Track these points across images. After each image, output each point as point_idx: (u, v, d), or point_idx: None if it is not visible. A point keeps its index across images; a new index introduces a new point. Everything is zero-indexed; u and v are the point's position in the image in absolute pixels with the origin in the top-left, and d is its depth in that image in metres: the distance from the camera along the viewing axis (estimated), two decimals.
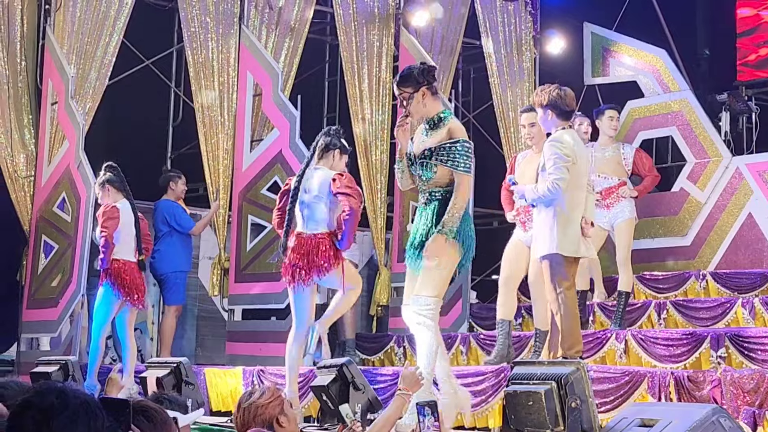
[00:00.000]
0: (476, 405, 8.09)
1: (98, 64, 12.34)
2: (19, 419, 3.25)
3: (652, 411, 5.96)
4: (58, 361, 10.01)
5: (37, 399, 3.26)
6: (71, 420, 3.24)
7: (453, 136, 7.54)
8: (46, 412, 3.21)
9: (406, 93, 7.61)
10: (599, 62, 14.77)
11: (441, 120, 7.63)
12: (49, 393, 3.27)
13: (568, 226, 7.87)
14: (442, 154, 7.50)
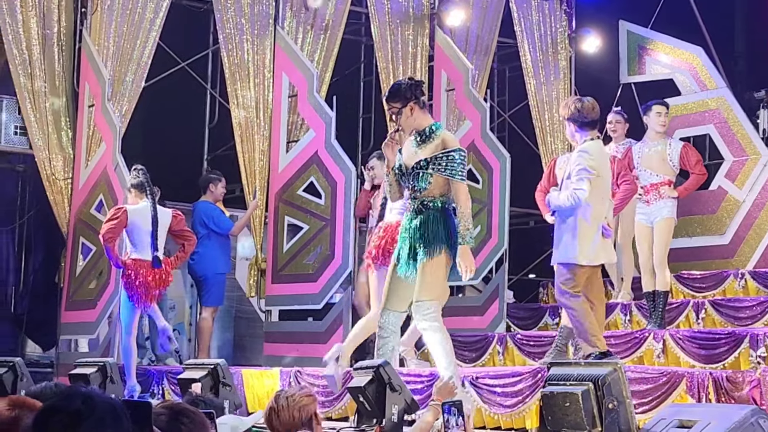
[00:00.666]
0: (513, 406, 8.06)
1: (134, 67, 12.39)
2: (44, 424, 3.24)
3: (690, 412, 5.93)
4: (96, 363, 10.05)
5: (63, 404, 3.24)
6: (98, 425, 3.21)
7: (447, 146, 7.75)
8: (73, 416, 3.19)
9: (395, 108, 7.86)
10: (635, 60, 14.71)
11: (433, 132, 7.85)
12: (75, 397, 3.25)
13: (589, 236, 8.11)
14: (438, 164, 7.72)
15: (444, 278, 7.86)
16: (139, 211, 10.50)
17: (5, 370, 10.24)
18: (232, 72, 12.98)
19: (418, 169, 7.79)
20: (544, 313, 12.77)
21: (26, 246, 13.79)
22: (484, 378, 8.33)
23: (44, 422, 3.22)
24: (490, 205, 12.60)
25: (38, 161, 12.32)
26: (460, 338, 11.93)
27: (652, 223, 10.71)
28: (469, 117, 13.19)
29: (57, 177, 12.33)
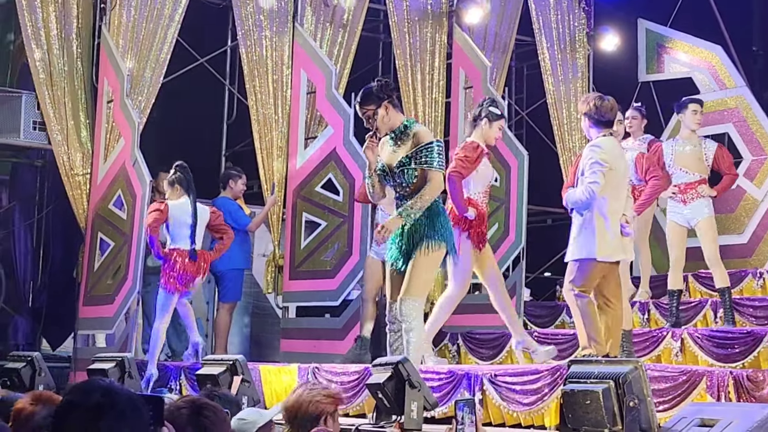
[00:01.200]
0: (532, 404, 8.05)
1: (153, 63, 12.41)
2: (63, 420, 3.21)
3: (711, 411, 5.92)
4: (114, 358, 10.07)
5: (82, 398, 3.21)
6: (119, 418, 3.19)
7: (423, 140, 7.94)
8: (93, 411, 3.17)
9: (370, 110, 8.03)
10: (654, 59, 14.69)
11: (406, 128, 8.04)
12: (94, 391, 3.22)
13: (607, 231, 8.18)
14: (419, 158, 7.90)
15: (434, 274, 8.30)
16: (180, 206, 10.99)
17: (23, 364, 10.29)
18: (251, 68, 12.99)
19: (402, 166, 7.97)
20: (561, 311, 12.74)
21: (45, 241, 13.82)
22: (503, 376, 8.32)
23: (64, 416, 3.21)
24: (508, 203, 12.58)
25: (57, 156, 12.34)
26: (478, 336, 11.94)
27: (688, 223, 10.63)
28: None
29: (76, 172, 12.35)
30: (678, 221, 10.61)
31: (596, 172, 8.14)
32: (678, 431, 5.81)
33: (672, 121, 13.96)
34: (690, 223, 10.66)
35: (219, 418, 4.11)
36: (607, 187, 8.17)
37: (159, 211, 10.91)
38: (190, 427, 3.62)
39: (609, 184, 8.17)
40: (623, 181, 8.43)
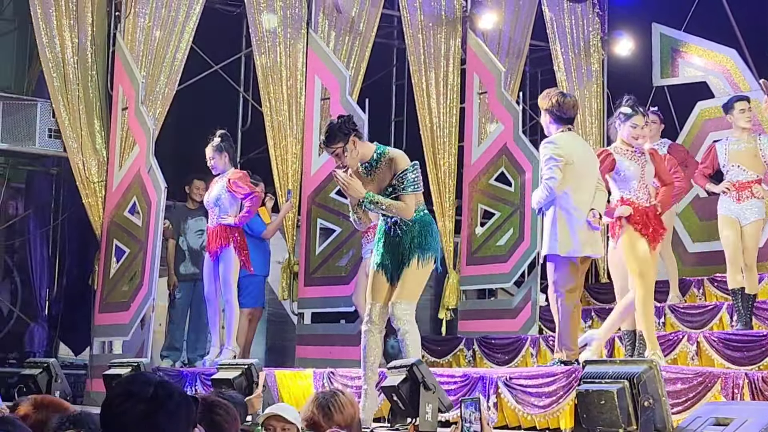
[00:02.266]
0: (547, 406, 8.04)
1: (167, 70, 12.44)
2: (118, 409, 3.22)
3: (726, 410, 5.89)
4: (130, 363, 10.08)
5: (138, 389, 3.22)
6: (174, 411, 3.22)
7: (399, 165, 7.94)
8: (151, 402, 3.20)
9: (339, 149, 7.96)
10: (668, 63, 14.66)
11: (381, 156, 8.03)
12: (149, 384, 3.25)
13: (567, 226, 8.38)
14: (402, 186, 7.90)
15: (424, 284, 8.16)
16: None
17: (40, 371, 10.31)
18: (265, 75, 13.01)
19: (387, 195, 7.98)
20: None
21: (60, 249, 13.85)
22: (518, 378, 8.32)
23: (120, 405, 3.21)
24: (523, 208, 12.57)
25: (72, 164, 12.37)
26: (493, 341, 11.94)
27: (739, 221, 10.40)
28: (501, 120, 13.18)
29: (91, 180, 12.38)
30: (730, 215, 10.34)
31: (552, 167, 8.33)
32: (693, 430, 5.78)
33: (687, 125, 13.95)
34: (741, 222, 10.42)
35: (231, 416, 4.13)
36: (567, 182, 8.35)
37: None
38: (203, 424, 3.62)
39: (568, 179, 8.33)
40: (585, 174, 8.50)
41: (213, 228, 10.94)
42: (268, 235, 12.45)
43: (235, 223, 10.78)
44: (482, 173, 13.17)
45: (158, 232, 11.61)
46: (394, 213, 7.95)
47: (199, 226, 12.59)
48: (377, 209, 8.02)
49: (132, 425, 3.18)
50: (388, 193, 7.97)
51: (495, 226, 13.00)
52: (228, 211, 10.85)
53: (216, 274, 10.90)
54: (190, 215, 12.68)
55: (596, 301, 13.78)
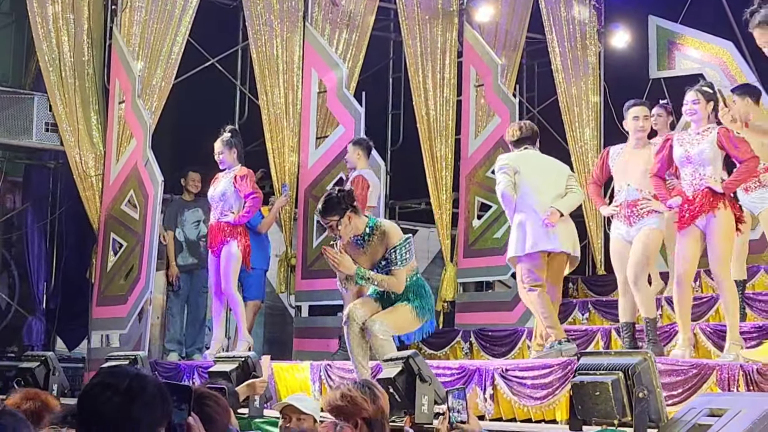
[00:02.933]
0: (543, 398, 8.05)
1: (164, 63, 12.44)
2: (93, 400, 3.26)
3: (721, 401, 5.91)
4: (128, 356, 10.10)
5: (114, 380, 3.27)
6: (149, 403, 3.27)
7: (391, 239, 8.19)
8: (126, 394, 3.24)
9: (334, 221, 8.15)
10: (665, 55, 14.68)
11: (373, 230, 8.25)
12: (125, 376, 3.29)
13: (521, 227, 9.19)
14: (394, 260, 8.14)
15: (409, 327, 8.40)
16: None
17: (37, 364, 10.32)
18: (262, 68, 13.02)
19: (379, 269, 8.20)
20: (574, 308, 12.75)
21: (58, 242, 13.87)
22: (514, 370, 8.33)
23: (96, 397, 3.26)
24: None
25: (69, 158, 12.38)
26: (490, 333, 11.94)
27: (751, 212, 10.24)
28: (498, 112, 13.20)
29: (88, 173, 12.39)
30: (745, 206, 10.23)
31: (498, 176, 9.35)
32: (687, 421, 5.80)
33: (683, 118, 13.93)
34: (753, 212, 10.32)
35: (221, 407, 4.15)
36: (521, 187, 9.22)
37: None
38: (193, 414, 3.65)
39: (522, 185, 9.22)
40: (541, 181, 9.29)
41: (215, 224, 10.92)
42: (262, 229, 12.44)
43: (235, 221, 10.74)
44: (479, 166, 13.19)
45: (155, 225, 11.61)
46: (385, 287, 8.21)
47: (195, 218, 12.64)
48: (368, 284, 8.22)
49: (107, 417, 3.23)
50: (382, 266, 8.20)
51: (492, 218, 13.02)
52: (232, 208, 10.83)
53: (218, 268, 10.90)
54: (186, 207, 12.69)
55: (593, 294, 13.81)
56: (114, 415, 3.23)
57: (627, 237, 8.98)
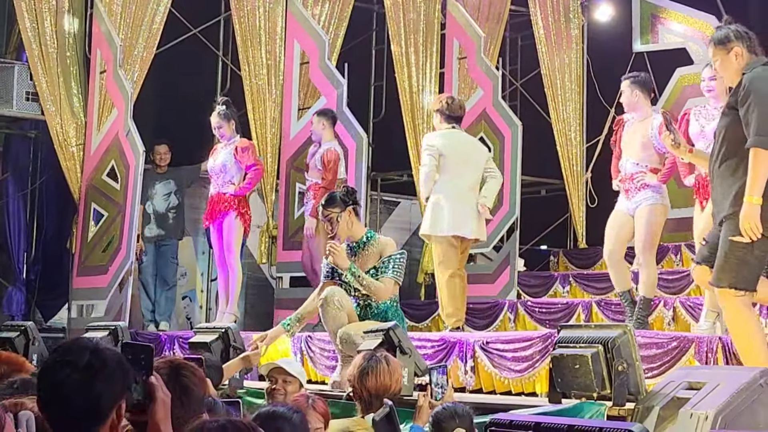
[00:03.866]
0: (523, 370, 8.08)
1: (146, 33, 12.37)
2: (53, 377, 3.24)
3: (699, 374, 5.94)
4: (107, 327, 10.08)
5: (72, 357, 3.24)
6: (110, 377, 3.25)
7: (390, 251, 8.24)
8: (86, 370, 3.22)
9: (334, 214, 8.21)
10: (648, 29, 14.67)
11: (369, 239, 8.30)
12: (83, 351, 3.26)
13: (434, 209, 9.48)
14: (385, 268, 8.16)
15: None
16: None
17: (17, 334, 10.28)
18: (244, 39, 12.97)
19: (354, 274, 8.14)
20: (555, 281, 12.80)
21: (38, 212, 13.81)
22: (495, 343, 8.36)
23: (55, 374, 3.23)
24: (502, 173, 12.57)
25: (50, 127, 12.31)
26: (471, 305, 11.95)
27: None
28: (480, 85, 13.18)
29: (69, 143, 12.33)
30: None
31: (424, 157, 9.53)
32: (666, 394, 5.83)
33: (666, 92, 13.98)
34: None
35: (198, 378, 4.14)
36: (443, 170, 9.46)
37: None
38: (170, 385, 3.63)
39: (445, 168, 9.46)
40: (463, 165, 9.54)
41: (215, 195, 10.89)
42: None
43: (236, 192, 10.74)
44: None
45: (136, 195, 11.58)
46: (372, 291, 8.14)
47: (167, 189, 12.65)
48: (356, 282, 8.14)
49: (68, 394, 3.21)
50: (372, 274, 8.17)
51: None
52: (233, 179, 10.82)
53: (220, 240, 10.90)
54: (157, 180, 12.67)
55: (574, 267, 13.85)
56: (75, 392, 3.20)
57: (627, 210, 9.01)
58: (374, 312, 8.21)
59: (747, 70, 6.44)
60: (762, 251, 6.32)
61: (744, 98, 6.32)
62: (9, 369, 5.28)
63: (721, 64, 6.61)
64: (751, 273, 6.31)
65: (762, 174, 6.19)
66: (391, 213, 15.80)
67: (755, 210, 6.18)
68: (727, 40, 6.57)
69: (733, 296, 6.32)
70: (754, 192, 6.19)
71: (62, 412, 3.22)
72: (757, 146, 6.20)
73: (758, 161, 6.19)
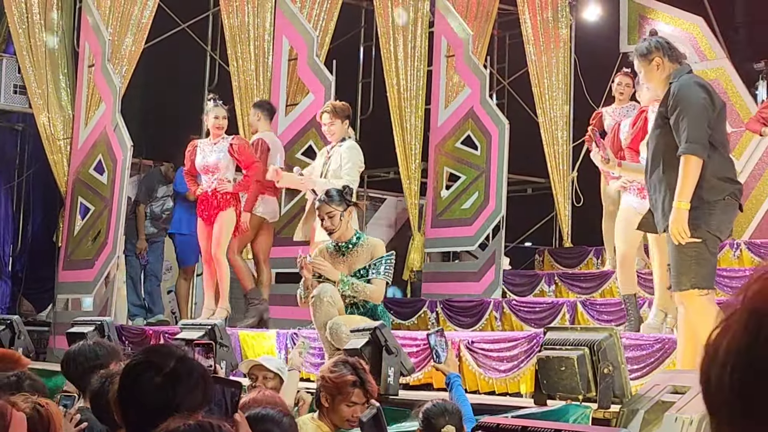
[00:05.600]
0: (507, 371, 8.12)
1: (134, 28, 12.36)
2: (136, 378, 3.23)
3: (684, 378, 5.96)
4: (93, 322, 10.07)
5: (159, 361, 3.24)
6: (193, 387, 3.23)
7: (381, 252, 8.26)
8: (171, 376, 3.21)
9: (336, 211, 8.25)
10: (635, 29, 14.71)
11: (359, 240, 8.32)
12: (170, 357, 3.26)
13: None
14: (376, 269, 8.19)
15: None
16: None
17: (2, 327, 10.27)
18: (233, 34, 12.97)
19: (360, 277, 8.21)
20: (540, 280, 12.83)
21: (25, 205, 13.81)
22: (480, 342, 8.39)
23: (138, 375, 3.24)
24: (488, 172, 12.63)
25: (37, 121, 12.31)
26: (456, 304, 12.00)
27: None
28: (468, 83, 13.20)
29: (56, 137, 12.33)
30: None
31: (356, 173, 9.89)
32: (651, 397, 5.85)
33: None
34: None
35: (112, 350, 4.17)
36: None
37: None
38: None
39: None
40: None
41: (210, 193, 10.72)
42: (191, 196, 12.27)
43: (235, 189, 10.64)
44: (448, 136, 13.21)
45: (123, 190, 11.58)
46: (367, 296, 8.16)
47: (166, 192, 12.76)
48: (350, 291, 8.16)
49: (147, 396, 3.21)
50: (361, 275, 8.21)
51: (460, 189, 13.05)
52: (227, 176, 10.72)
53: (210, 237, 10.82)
54: (161, 182, 12.77)
55: (559, 266, 13.88)
56: (154, 396, 3.20)
57: (639, 209, 9.03)
58: (361, 312, 8.24)
59: (674, 78, 6.66)
60: (714, 247, 6.56)
61: (673, 107, 6.58)
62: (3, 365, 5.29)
63: (645, 74, 6.91)
64: (708, 271, 6.54)
65: (692, 180, 6.44)
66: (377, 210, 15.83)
67: (683, 215, 6.42)
68: (648, 51, 6.82)
69: (698, 296, 6.48)
70: (683, 197, 6.44)
71: (139, 412, 3.21)
72: (688, 153, 6.45)
73: (689, 168, 6.44)
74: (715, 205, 6.49)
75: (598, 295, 11.88)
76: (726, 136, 6.83)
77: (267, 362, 6.88)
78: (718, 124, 6.66)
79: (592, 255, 13.51)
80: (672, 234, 6.44)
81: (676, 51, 6.84)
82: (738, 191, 6.63)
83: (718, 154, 6.57)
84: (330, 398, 5.78)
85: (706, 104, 6.52)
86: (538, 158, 14.60)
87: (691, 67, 6.89)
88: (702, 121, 6.47)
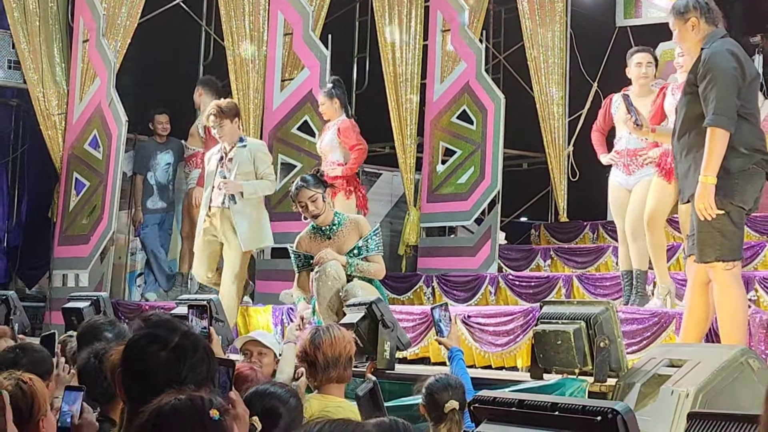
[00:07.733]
0: (504, 345, 8.13)
1: (129, 3, 12.31)
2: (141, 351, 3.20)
3: (680, 351, 5.98)
4: (89, 297, 10.06)
5: (165, 334, 3.21)
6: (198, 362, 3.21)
7: (367, 228, 8.41)
8: (177, 350, 3.19)
9: (317, 194, 8.30)
10: (631, 4, 14.69)
11: (342, 220, 8.41)
12: (175, 331, 3.23)
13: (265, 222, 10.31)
14: (367, 248, 8.31)
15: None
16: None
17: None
18: (228, 10, 12.91)
19: (354, 256, 8.29)
20: (536, 255, 12.84)
21: (19, 181, 13.78)
22: (476, 317, 8.39)
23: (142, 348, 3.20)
24: (484, 147, 12.60)
25: (32, 96, 12.28)
26: (452, 278, 12.00)
27: None
28: (464, 58, 13.16)
29: (51, 112, 12.30)
30: None
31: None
32: (647, 371, 5.87)
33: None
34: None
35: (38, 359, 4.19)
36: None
37: None
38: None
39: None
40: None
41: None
42: None
43: (344, 173, 10.63)
44: (444, 111, 13.18)
45: (118, 165, 11.57)
46: (372, 274, 8.30)
47: (166, 160, 12.72)
48: (357, 272, 8.25)
49: (153, 370, 3.17)
50: (354, 255, 8.28)
51: (456, 163, 13.03)
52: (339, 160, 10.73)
53: None
54: (158, 149, 12.73)
55: (555, 240, 13.89)
56: (160, 370, 3.17)
57: (626, 185, 9.04)
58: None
59: (706, 44, 6.49)
60: (739, 218, 6.44)
61: (703, 75, 6.40)
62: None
63: (679, 34, 6.72)
64: (734, 243, 6.41)
65: (718, 153, 6.28)
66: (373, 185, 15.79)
67: (709, 190, 6.30)
68: (685, 10, 6.64)
69: (723, 270, 6.39)
70: (709, 171, 6.30)
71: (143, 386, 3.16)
72: (714, 125, 6.30)
73: (714, 140, 6.30)
74: (738, 176, 6.35)
75: (593, 269, 11.89)
76: (757, 106, 6.60)
77: (261, 337, 6.89)
78: (749, 94, 6.48)
79: (587, 229, 13.52)
80: (697, 209, 6.31)
81: (714, 12, 6.63)
82: (764, 161, 6.46)
83: (748, 125, 6.42)
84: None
85: (737, 74, 6.34)
86: (534, 133, 14.57)
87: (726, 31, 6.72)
88: (731, 93, 6.31)
